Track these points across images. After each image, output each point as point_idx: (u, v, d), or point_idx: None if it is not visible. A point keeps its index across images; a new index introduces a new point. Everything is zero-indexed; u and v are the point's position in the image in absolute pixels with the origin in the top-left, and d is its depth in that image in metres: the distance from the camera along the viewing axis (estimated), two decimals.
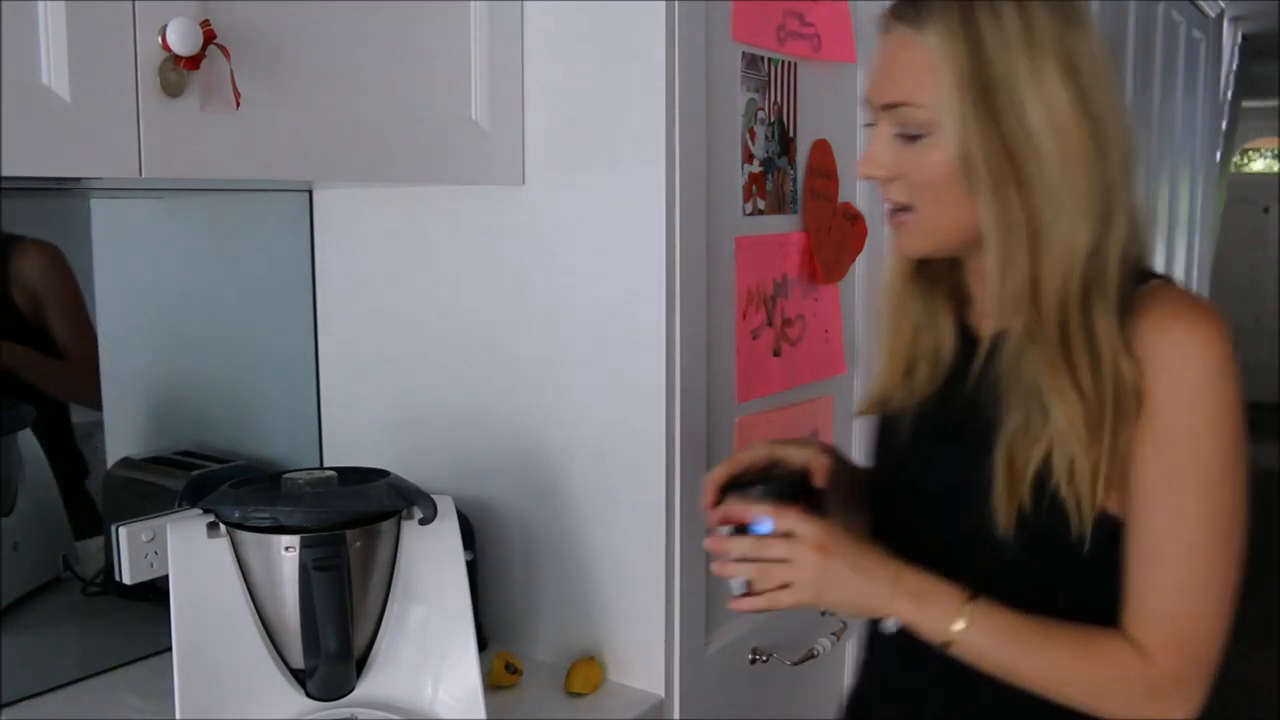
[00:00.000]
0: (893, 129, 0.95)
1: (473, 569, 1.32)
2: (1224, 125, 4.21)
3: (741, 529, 1.01)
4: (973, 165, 0.91)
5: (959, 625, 0.93)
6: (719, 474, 1.08)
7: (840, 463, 1.16)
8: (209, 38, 1.00)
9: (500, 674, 1.35)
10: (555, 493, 1.42)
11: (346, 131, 1.18)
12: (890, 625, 0.98)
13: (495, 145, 1.36)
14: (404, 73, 1.25)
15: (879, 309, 1.10)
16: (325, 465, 1.63)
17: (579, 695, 1.34)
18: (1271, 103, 6.48)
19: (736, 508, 1.01)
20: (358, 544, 1.12)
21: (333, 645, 1.09)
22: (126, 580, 1.30)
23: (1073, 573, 0.96)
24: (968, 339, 1.05)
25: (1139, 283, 0.95)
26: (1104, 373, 0.91)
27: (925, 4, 0.92)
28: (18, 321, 1.39)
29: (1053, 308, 0.92)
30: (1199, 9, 3.39)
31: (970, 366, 1.01)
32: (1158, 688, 0.92)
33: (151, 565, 1.31)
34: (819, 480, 1.10)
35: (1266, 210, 7.98)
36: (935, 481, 1.03)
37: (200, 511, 1.15)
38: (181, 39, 0.97)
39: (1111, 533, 0.94)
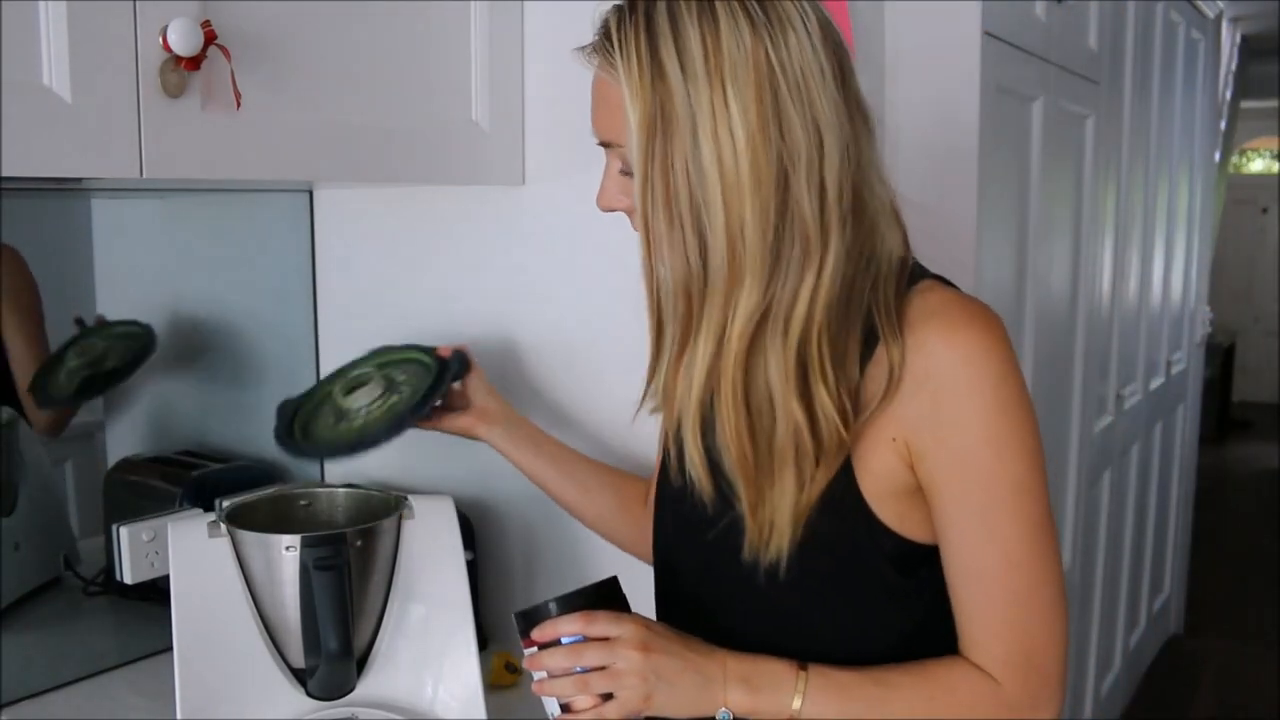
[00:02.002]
0: (617, 164, 0.91)
1: (473, 569, 1.32)
2: (1223, 126, 4.22)
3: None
4: (650, 216, 0.84)
5: (797, 703, 0.87)
6: None
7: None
8: (210, 38, 1.00)
9: (500, 674, 1.35)
10: None
11: (346, 131, 1.18)
12: (723, 717, 0.89)
13: (495, 145, 1.36)
14: (404, 73, 1.25)
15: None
16: (325, 464, 1.63)
17: None
18: (1270, 103, 6.48)
19: (545, 628, 0.90)
20: (358, 543, 1.12)
21: (333, 645, 1.09)
22: (127, 580, 1.30)
23: (867, 598, 0.93)
24: None
25: (911, 283, 0.90)
26: (766, 426, 0.86)
27: (615, 38, 0.85)
28: None
29: (699, 364, 0.86)
30: (1198, 10, 3.39)
31: None
32: (1014, 709, 0.88)
33: (152, 565, 1.31)
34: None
35: (1266, 211, 7.99)
36: (706, 500, 0.96)
37: (200, 511, 1.15)
38: (182, 39, 0.97)
39: (909, 556, 0.91)
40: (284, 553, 1.10)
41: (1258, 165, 8.34)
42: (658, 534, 1.07)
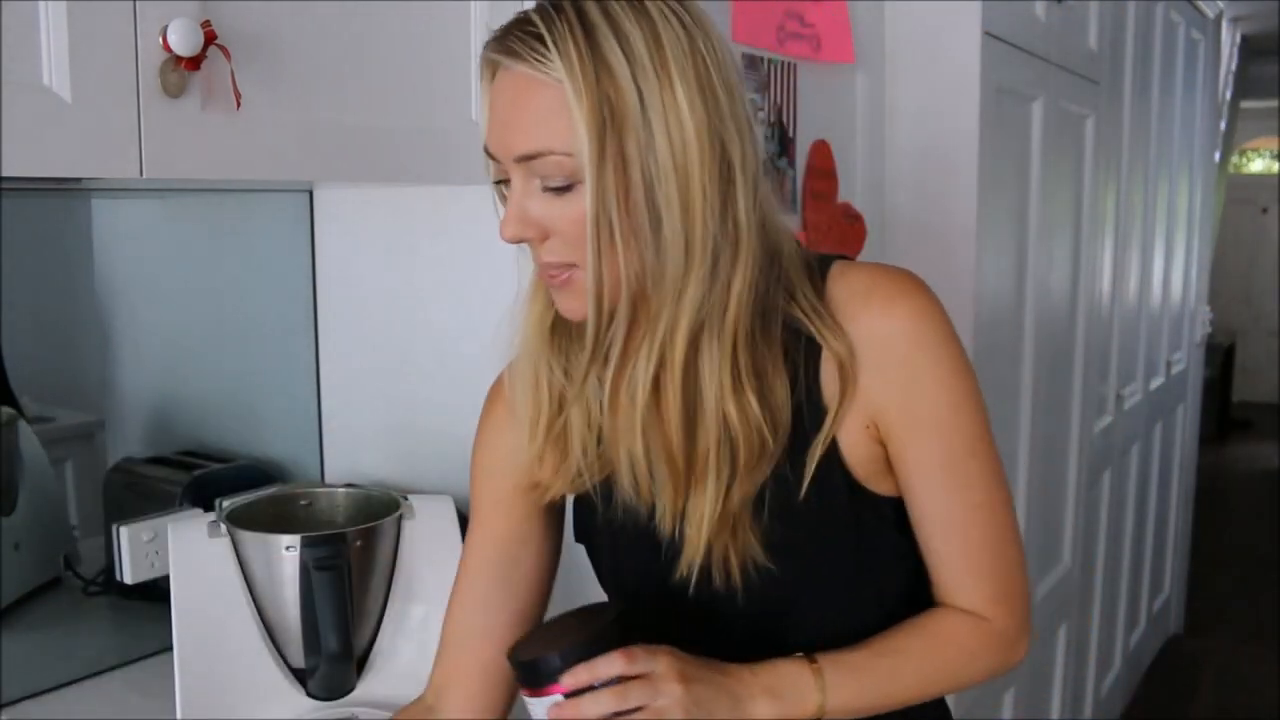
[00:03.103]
0: (536, 182, 0.85)
1: None
2: (1223, 126, 4.22)
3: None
4: (609, 216, 0.81)
5: (819, 697, 0.88)
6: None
7: None
8: (210, 38, 1.00)
9: None
10: None
11: (346, 131, 1.18)
12: None
13: None
14: (404, 73, 1.25)
15: (513, 385, 0.97)
16: (326, 464, 1.63)
17: None
18: (1270, 103, 6.48)
19: (580, 672, 0.83)
20: (358, 544, 1.13)
21: (333, 645, 1.09)
22: (127, 580, 1.30)
23: (881, 570, 0.94)
24: None
25: (822, 272, 0.90)
26: (699, 433, 0.86)
27: (542, 35, 0.81)
28: None
29: (643, 368, 0.85)
30: (1198, 10, 3.39)
31: None
32: (1005, 640, 0.93)
33: (152, 565, 1.31)
34: None
35: (1265, 210, 7.99)
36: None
37: (200, 511, 1.15)
38: (182, 39, 0.97)
39: (903, 513, 0.93)
40: (284, 553, 1.10)
41: (1258, 165, 8.34)
42: (611, 566, 1.04)
